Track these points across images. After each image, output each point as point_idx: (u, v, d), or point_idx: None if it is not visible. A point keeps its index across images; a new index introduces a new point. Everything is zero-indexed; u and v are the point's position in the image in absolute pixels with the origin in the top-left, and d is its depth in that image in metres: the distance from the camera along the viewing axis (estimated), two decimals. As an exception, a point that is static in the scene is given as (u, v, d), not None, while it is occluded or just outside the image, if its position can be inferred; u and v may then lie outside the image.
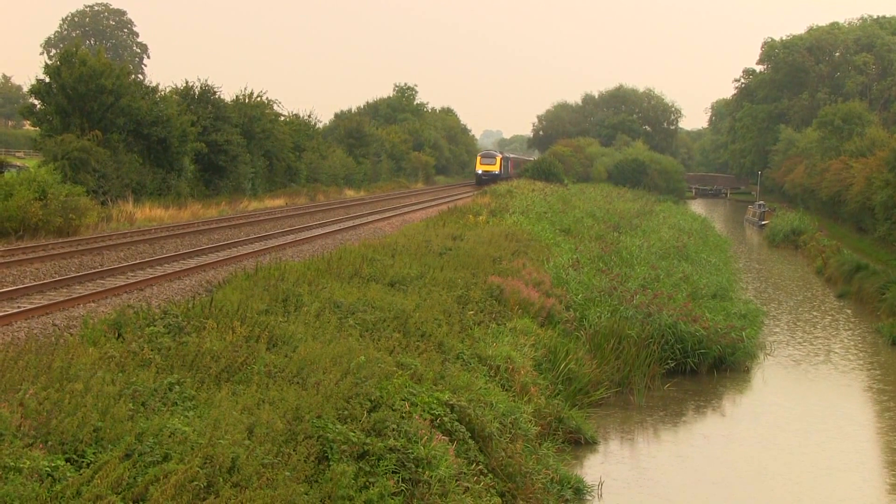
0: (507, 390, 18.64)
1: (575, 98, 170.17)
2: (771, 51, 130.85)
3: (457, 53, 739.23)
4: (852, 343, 34.45)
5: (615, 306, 29.42)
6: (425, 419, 13.70)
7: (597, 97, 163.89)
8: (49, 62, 48.14)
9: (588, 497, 17.51)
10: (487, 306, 23.91)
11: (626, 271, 37.28)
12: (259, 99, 66.41)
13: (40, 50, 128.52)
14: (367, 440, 11.96)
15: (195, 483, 9.43)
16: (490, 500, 13.53)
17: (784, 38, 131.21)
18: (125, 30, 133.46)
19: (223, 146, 57.25)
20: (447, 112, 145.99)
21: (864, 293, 43.69)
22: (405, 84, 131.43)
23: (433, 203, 63.81)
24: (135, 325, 14.88)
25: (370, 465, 11.61)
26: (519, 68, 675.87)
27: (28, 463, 9.07)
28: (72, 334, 15.08)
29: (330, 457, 11.39)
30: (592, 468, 19.30)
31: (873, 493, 19.43)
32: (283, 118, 71.33)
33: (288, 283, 20.19)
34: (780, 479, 19.76)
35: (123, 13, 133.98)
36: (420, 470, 12.04)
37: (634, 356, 26.03)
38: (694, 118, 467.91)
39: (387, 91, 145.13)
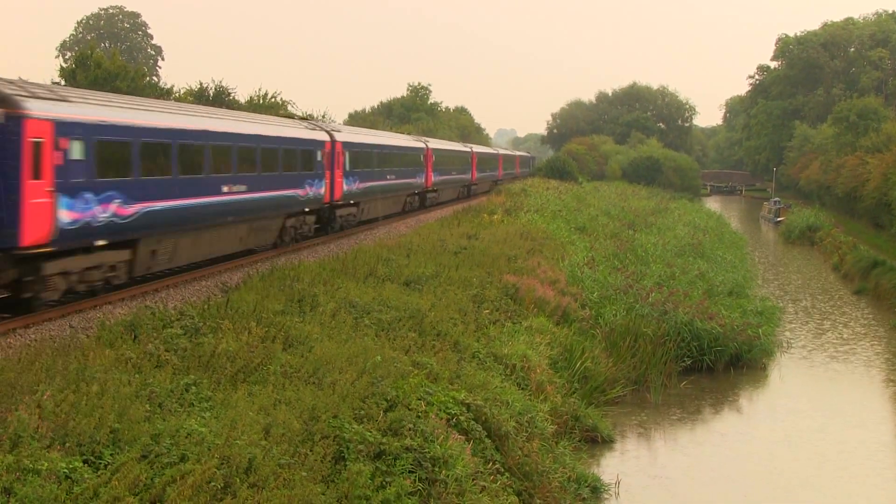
0: (523, 389, 18.62)
1: (589, 96, 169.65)
2: (785, 47, 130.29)
3: (470, 53, 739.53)
4: (869, 340, 34.27)
5: (631, 304, 29.35)
6: (441, 418, 13.70)
7: (611, 95, 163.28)
8: (64, 65, 48.50)
9: (605, 495, 17.48)
10: (503, 305, 23.89)
11: (641, 269, 37.20)
12: (273, 99, 66.52)
13: (56, 53, 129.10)
14: (384, 440, 11.96)
15: (212, 484, 9.45)
16: (507, 499, 13.51)
17: (798, 34, 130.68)
18: (140, 32, 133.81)
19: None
20: (461, 111, 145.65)
21: (881, 289, 43.46)
22: (419, 84, 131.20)
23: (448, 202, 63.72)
24: (150, 327, 14.92)
25: (387, 464, 11.62)
26: (532, 67, 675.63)
27: (46, 465, 9.10)
28: (88, 335, 15.13)
29: (346, 456, 11.40)
30: (609, 466, 19.26)
31: (893, 491, 19.34)
32: (297, 118, 71.42)
33: (303, 283, 20.22)
34: (798, 478, 19.68)
35: (138, 16, 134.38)
36: (437, 469, 12.03)
37: (650, 354, 25.96)
38: (708, 115, 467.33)
39: (401, 91, 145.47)
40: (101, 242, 19.85)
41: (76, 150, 18.66)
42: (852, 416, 24.34)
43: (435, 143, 56.71)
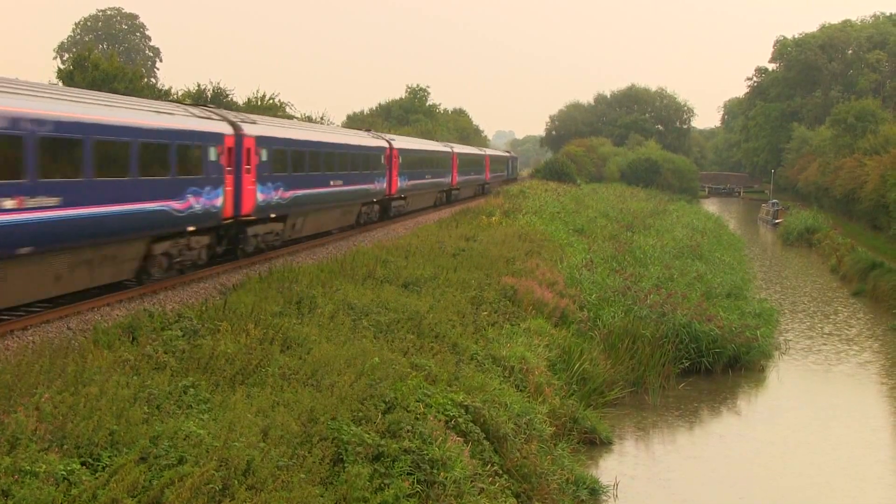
0: (521, 391, 18.61)
1: (587, 98, 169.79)
2: (783, 49, 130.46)
3: (469, 54, 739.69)
4: (868, 342, 34.28)
5: (629, 306, 29.34)
6: (440, 420, 13.70)
7: (609, 97, 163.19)
8: (62, 67, 48.46)
9: (603, 497, 17.48)
10: (501, 307, 23.88)
11: (639, 271, 37.20)
12: (272, 101, 66.48)
13: (53, 54, 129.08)
14: (382, 442, 11.96)
15: (210, 486, 9.44)
16: (505, 501, 13.51)
17: (796, 36, 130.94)
18: (137, 34, 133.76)
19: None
20: (459, 113, 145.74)
21: (879, 291, 43.48)
22: (417, 85, 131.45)
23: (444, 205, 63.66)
24: (149, 329, 14.91)
25: (385, 466, 11.61)
26: (531, 69, 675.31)
27: (44, 467, 9.09)
28: (86, 337, 15.11)
29: (345, 458, 11.39)
30: (608, 468, 19.25)
31: (890, 493, 19.34)
32: (295, 120, 71.40)
33: (302, 285, 20.20)
34: (796, 479, 19.68)
35: (136, 17, 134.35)
36: (435, 471, 12.02)
37: (649, 356, 25.96)
38: (707, 117, 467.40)
39: (399, 92, 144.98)
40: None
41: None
42: (850, 418, 24.35)
43: (269, 128, 29.09)
